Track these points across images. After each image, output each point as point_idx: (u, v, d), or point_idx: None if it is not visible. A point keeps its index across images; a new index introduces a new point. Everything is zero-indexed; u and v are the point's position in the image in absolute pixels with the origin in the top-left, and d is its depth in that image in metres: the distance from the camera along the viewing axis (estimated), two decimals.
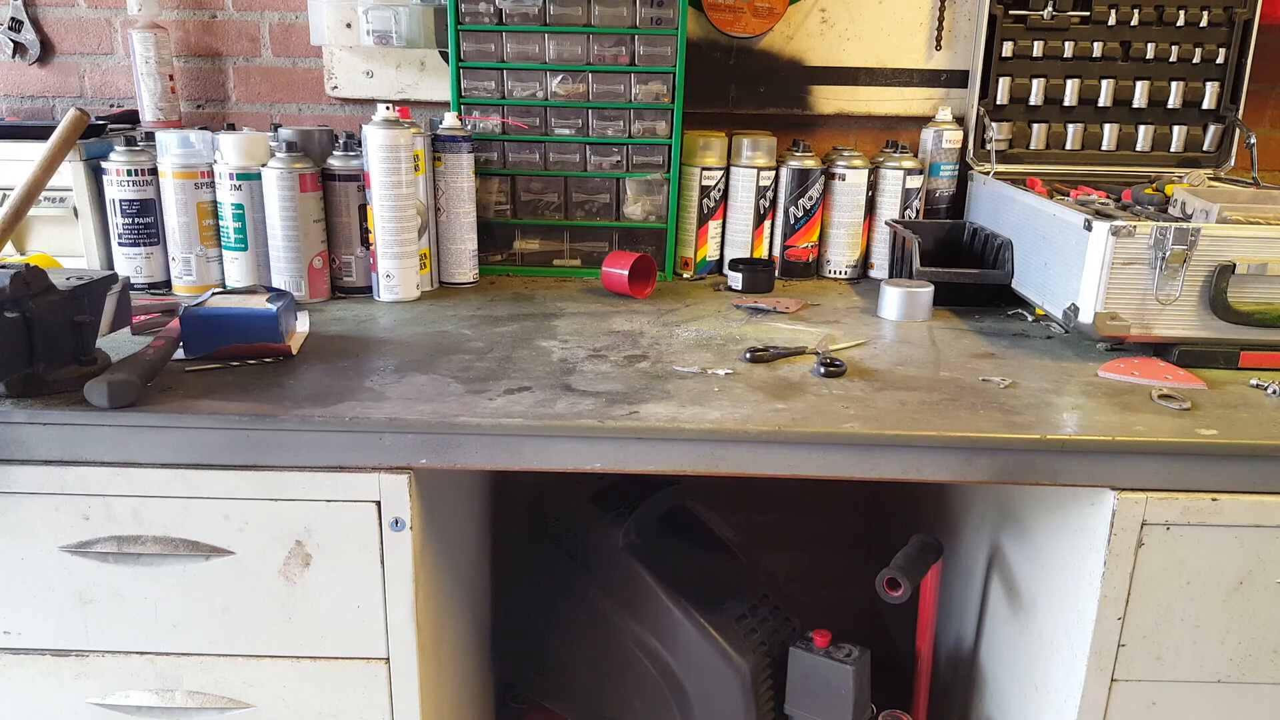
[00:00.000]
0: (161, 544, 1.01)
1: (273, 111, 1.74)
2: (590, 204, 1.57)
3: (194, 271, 1.38)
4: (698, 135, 1.59)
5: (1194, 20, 1.58)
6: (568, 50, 1.48)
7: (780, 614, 1.48)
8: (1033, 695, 1.19)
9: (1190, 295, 1.14)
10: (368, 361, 1.13)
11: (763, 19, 1.64)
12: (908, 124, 1.72)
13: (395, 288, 1.37)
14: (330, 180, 1.36)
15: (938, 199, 1.66)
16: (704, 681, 1.41)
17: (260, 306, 1.11)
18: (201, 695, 1.07)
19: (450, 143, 1.43)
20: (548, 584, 1.56)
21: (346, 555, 1.01)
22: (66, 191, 1.38)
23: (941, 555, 1.40)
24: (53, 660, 1.06)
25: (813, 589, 1.74)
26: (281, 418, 0.95)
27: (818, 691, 1.34)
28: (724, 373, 1.12)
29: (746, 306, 1.42)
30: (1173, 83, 1.62)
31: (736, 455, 0.97)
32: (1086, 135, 1.65)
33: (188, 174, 1.35)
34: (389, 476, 0.98)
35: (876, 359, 1.19)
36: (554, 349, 1.19)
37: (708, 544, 1.54)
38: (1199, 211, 1.26)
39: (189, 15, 1.69)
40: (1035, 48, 1.61)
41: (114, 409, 0.94)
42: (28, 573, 1.02)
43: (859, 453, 0.97)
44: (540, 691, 1.65)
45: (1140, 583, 1.00)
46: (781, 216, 1.60)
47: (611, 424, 0.96)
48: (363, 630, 1.04)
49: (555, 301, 1.43)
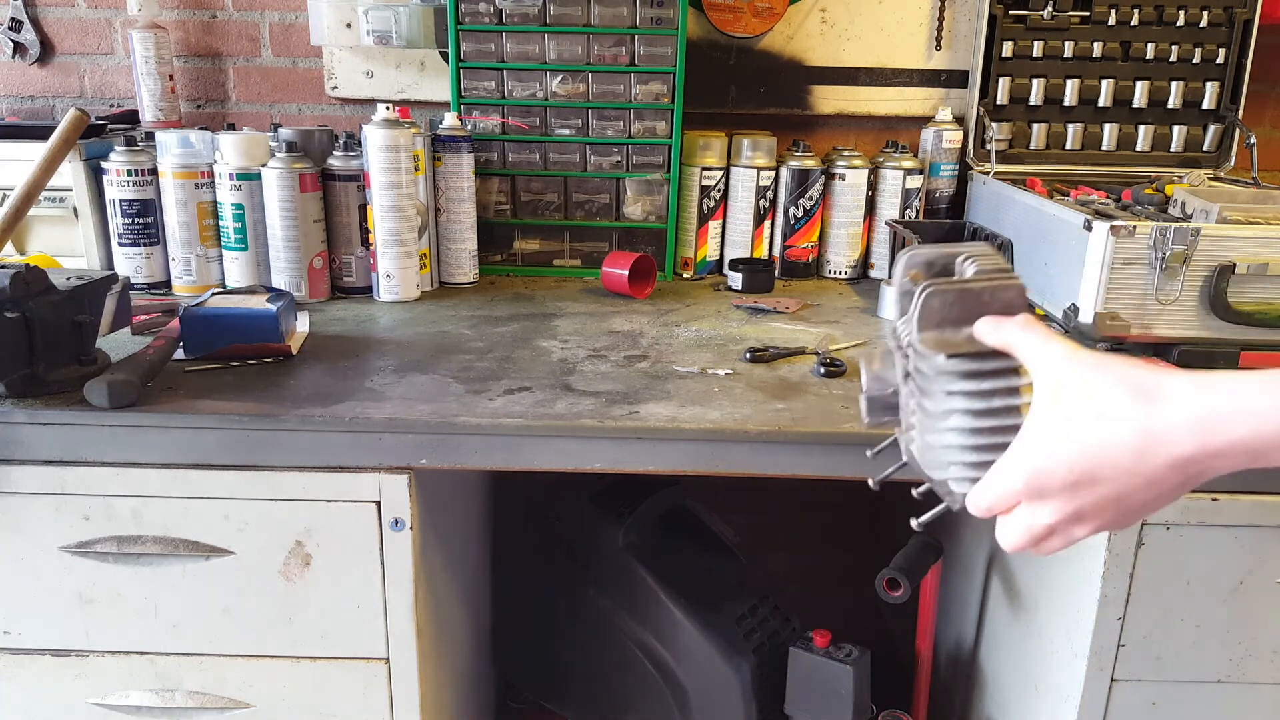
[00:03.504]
0: (161, 544, 1.01)
1: (273, 111, 1.74)
2: (590, 204, 1.57)
3: (194, 271, 1.38)
4: (698, 135, 1.59)
5: (1194, 20, 1.58)
6: (568, 50, 1.48)
7: (780, 614, 1.48)
8: (1033, 695, 1.19)
9: (1190, 295, 1.14)
10: (368, 361, 1.13)
11: (763, 19, 1.64)
12: (908, 124, 1.72)
13: (395, 288, 1.37)
14: (330, 180, 1.36)
15: (938, 199, 1.66)
16: (704, 681, 1.41)
17: (260, 306, 1.11)
18: (201, 695, 1.07)
19: (450, 143, 1.43)
20: (548, 584, 1.56)
21: (346, 555, 1.01)
22: (66, 191, 1.38)
23: (941, 555, 1.40)
24: (53, 660, 1.06)
25: (813, 589, 1.74)
26: (281, 418, 0.95)
27: (818, 691, 1.34)
28: (724, 373, 1.12)
29: (746, 306, 1.42)
30: (1173, 83, 1.61)
31: (736, 455, 0.97)
32: (1086, 135, 1.65)
33: (188, 174, 1.35)
34: (389, 476, 0.98)
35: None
36: (554, 349, 1.19)
37: (707, 544, 1.54)
38: (1199, 211, 1.26)
39: (189, 15, 1.69)
40: (1035, 48, 1.60)
41: (114, 409, 0.94)
42: (28, 573, 1.02)
43: (859, 453, 0.97)
44: (540, 691, 1.65)
45: (1140, 583, 1.00)
46: (781, 216, 1.60)
47: (611, 424, 0.96)
48: (363, 630, 1.04)
49: (555, 301, 1.43)
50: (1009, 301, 0.64)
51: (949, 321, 0.65)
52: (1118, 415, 0.57)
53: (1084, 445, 0.58)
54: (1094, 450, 0.57)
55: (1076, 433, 0.58)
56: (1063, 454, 0.58)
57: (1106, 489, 0.58)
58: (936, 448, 0.67)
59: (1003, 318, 0.64)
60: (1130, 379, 0.57)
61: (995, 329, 0.64)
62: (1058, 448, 0.58)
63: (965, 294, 0.65)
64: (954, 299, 0.65)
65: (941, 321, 0.65)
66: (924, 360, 0.65)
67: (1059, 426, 0.59)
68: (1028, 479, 0.60)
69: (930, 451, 0.68)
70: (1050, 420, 0.59)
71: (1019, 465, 0.60)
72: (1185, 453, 0.55)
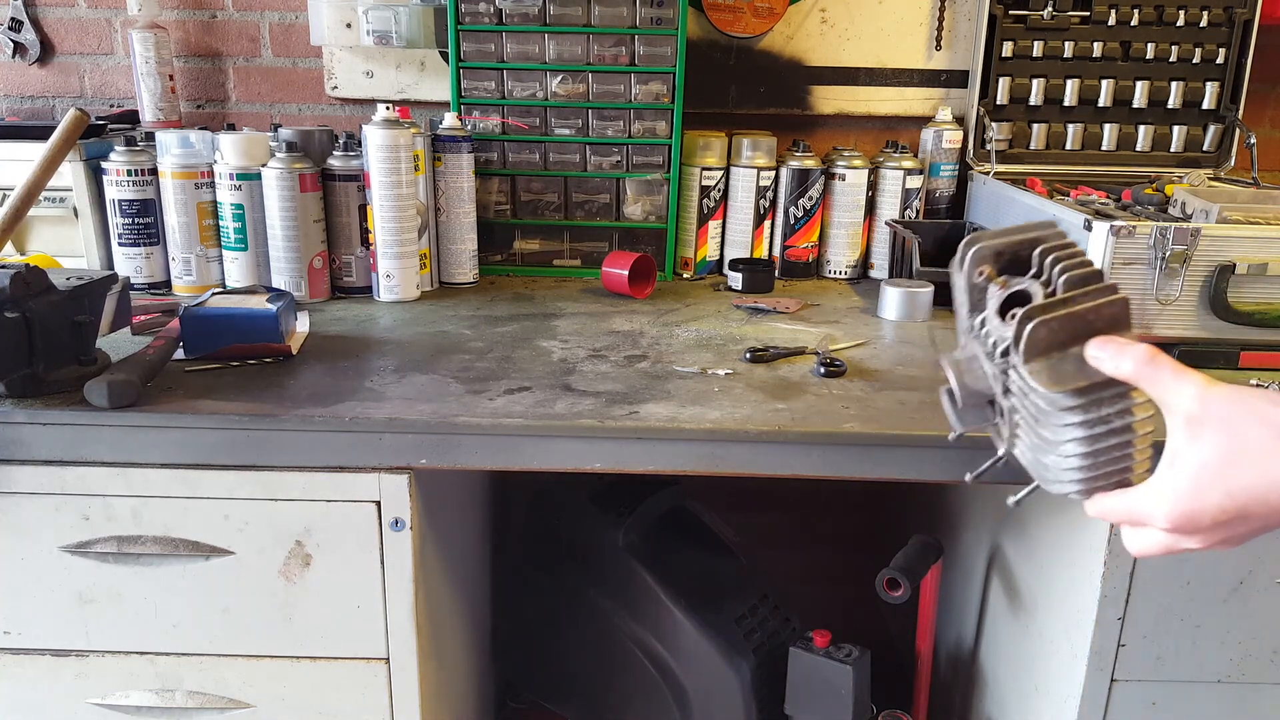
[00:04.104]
0: (161, 544, 1.01)
1: (273, 111, 1.74)
2: (590, 204, 1.57)
3: (194, 271, 1.38)
4: (698, 135, 1.59)
5: (1194, 20, 1.58)
6: (568, 50, 1.48)
7: (780, 614, 1.48)
8: (1033, 695, 1.19)
9: (1190, 295, 1.14)
10: (368, 361, 1.13)
11: (763, 19, 1.64)
12: (908, 124, 1.72)
13: (395, 288, 1.37)
14: (330, 180, 1.36)
15: (938, 199, 1.66)
16: (704, 681, 1.41)
17: (260, 306, 1.11)
18: (201, 695, 1.07)
19: (450, 143, 1.43)
20: (548, 584, 1.56)
21: (346, 555, 1.01)
22: (66, 191, 1.38)
23: (941, 555, 1.40)
24: (53, 660, 1.06)
25: (813, 589, 1.74)
26: (281, 418, 0.95)
27: (818, 691, 1.34)
28: (724, 373, 1.12)
29: (746, 306, 1.42)
30: (1173, 83, 1.62)
31: (736, 455, 0.97)
32: (1086, 135, 1.65)
33: (188, 174, 1.35)
34: (389, 476, 0.98)
35: (876, 359, 1.19)
36: (554, 349, 1.19)
37: (707, 544, 1.54)
38: (1199, 211, 1.26)
39: (189, 15, 1.69)
40: (1035, 48, 1.61)
41: (114, 409, 0.94)
42: (28, 573, 1.02)
43: (859, 453, 0.97)
44: (540, 691, 1.65)
45: (1140, 583, 1.00)
46: (781, 216, 1.60)
47: (611, 424, 0.96)
48: (363, 630, 1.04)
49: (555, 301, 1.43)
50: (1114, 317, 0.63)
51: (1056, 346, 0.63)
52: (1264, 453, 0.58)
53: (1231, 488, 0.59)
54: (1241, 491, 0.58)
55: (1223, 476, 0.59)
56: (1210, 498, 0.59)
57: (1256, 523, 0.60)
58: (1053, 469, 0.67)
59: (1119, 343, 0.63)
60: (1272, 418, 0.58)
61: (1115, 360, 0.63)
62: (1205, 491, 0.59)
63: (1071, 318, 0.63)
64: (1059, 325, 0.63)
65: (1049, 348, 0.63)
66: (1037, 395, 0.64)
67: (1204, 469, 0.60)
68: (1174, 521, 0.61)
69: (1045, 470, 0.68)
70: (1193, 461, 0.60)
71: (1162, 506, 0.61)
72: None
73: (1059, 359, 0.63)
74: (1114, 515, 0.65)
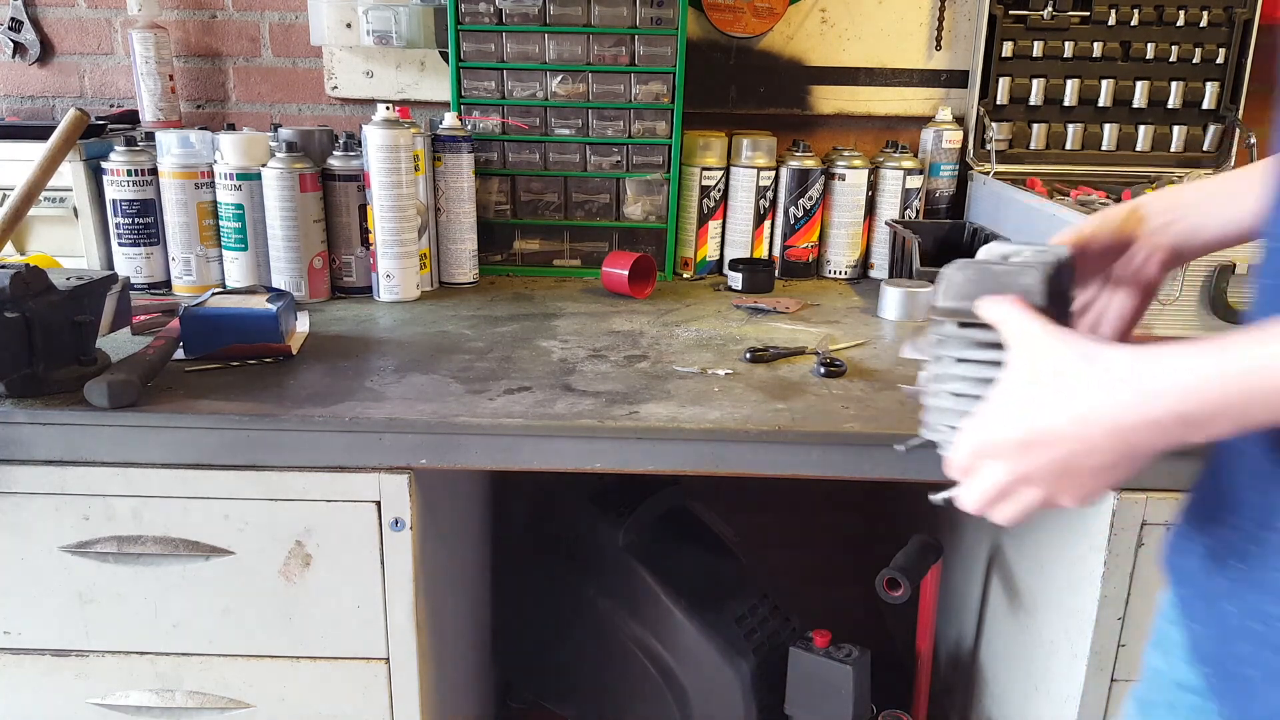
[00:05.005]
0: (161, 544, 1.01)
1: (273, 111, 1.74)
2: (590, 204, 1.57)
3: (194, 271, 1.38)
4: (698, 135, 1.59)
5: (1194, 20, 1.58)
6: (568, 50, 1.48)
7: (780, 614, 1.48)
8: (1033, 695, 1.19)
9: (1190, 295, 1.14)
10: (368, 361, 1.13)
11: (763, 19, 1.64)
12: (908, 124, 1.72)
13: (395, 288, 1.37)
14: (330, 180, 1.36)
15: (938, 199, 1.66)
16: (704, 681, 1.41)
17: (260, 306, 1.11)
18: (201, 695, 1.07)
19: (450, 143, 1.43)
20: (548, 584, 1.56)
21: (346, 555, 1.01)
22: (66, 191, 1.38)
23: (941, 555, 1.40)
24: (53, 660, 1.06)
25: (813, 589, 1.74)
26: (281, 418, 0.95)
27: (818, 691, 1.34)
28: (724, 373, 1.12)
29: (746, 306, 1.42)
30: (1173, 83, 1.62)
31: (736, 455, 0.97)
32: (1086, 135, 1.65)
33: (187, 174, 1.35)
34: (389, 476, 0.98)
35: (876, 359, 1.19)
36: (554, 349, 1.19)
37: (707, 544, 1.54)
38: None
39: (189, 15, 1.69)
40: (1035, 48, 1.61)
41: (114, 409, 0.94)
42: (28, 573, 1.02)
43: (859, 453, 0.97)
44: (540, 691, 1.65)
45: (1140, 583, 1.00)
46: (781, 216, 1.60)
47: (611, 424, 0.96)
48: (363, 630, 1.04)
49: (555, 301, 1.43)
50: (1026, 287, 0.67)
51: (967, 297, 0.68)
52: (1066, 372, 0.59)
53: (1030, 406, 0.60)
54: (1038, 412, 0.60)
55: (1028, 397, 0.61)
56: (1013, 415, 0.61)
57: (1052, 452, 0.60)
58: (934, 410, 0.71)
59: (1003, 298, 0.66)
60: (1081, 348, 0.60)
61: (988, 305, 0.66)
62: (1011, 410, 0.62)
63: (985, 272, 0.68)
64: (974, 275, 0.68)
65: (960, 295, 0.69)
66: (936, 326, 0.70)
67: (1016, 391, 0.62)
68: (983, 437, 0.63)
69: (930, 414, 0.72)
70: (1010, 386, 0.63)
71: (978, 425, 0.64)
72: (1123, 420, 0.56)
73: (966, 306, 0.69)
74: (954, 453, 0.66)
